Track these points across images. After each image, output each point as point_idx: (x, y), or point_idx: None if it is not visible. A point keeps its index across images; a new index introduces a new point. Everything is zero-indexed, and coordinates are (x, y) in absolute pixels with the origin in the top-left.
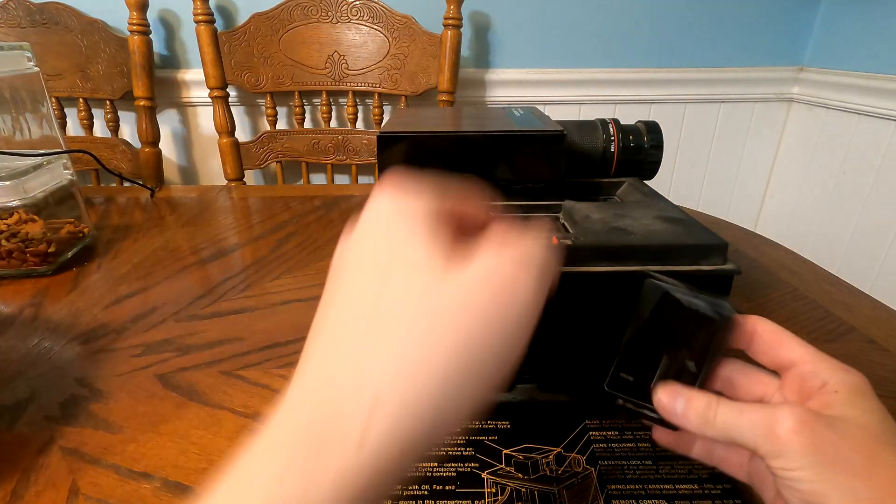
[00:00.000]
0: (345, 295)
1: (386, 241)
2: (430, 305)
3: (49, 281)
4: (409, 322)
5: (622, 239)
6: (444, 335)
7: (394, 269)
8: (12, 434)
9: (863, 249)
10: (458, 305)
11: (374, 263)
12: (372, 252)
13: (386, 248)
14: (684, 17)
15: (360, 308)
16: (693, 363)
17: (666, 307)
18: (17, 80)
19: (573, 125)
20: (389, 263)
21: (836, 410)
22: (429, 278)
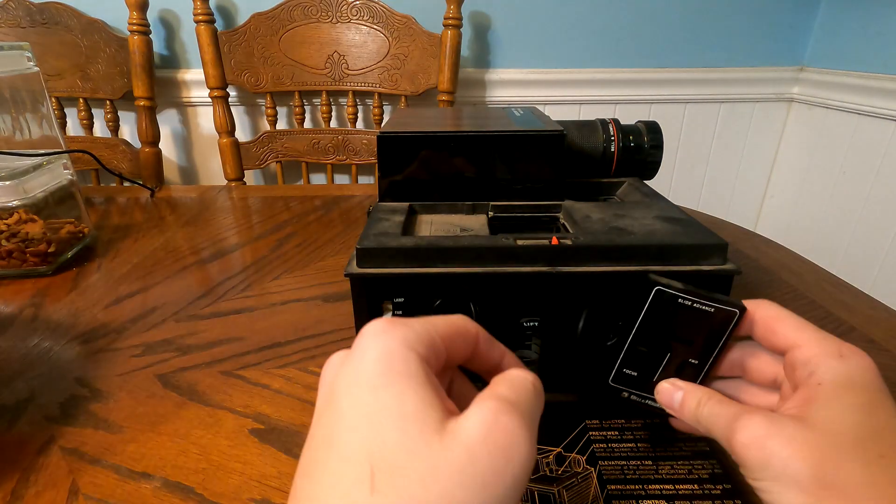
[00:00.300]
0: (341, 448)
1: (381, 392)
2: (431, 469)
3: (49, 281)
4: (410, 488)
5: (622, 239)
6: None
7: (390, 421)
8: (12, 434)
9: (863, 249)
10: (456, 469)
11: (368, 414)
12: (366, 399)
13: (381, 398)
14: (685, 17)
15: (358, 466)
16: (696, 358)
17: (664, 307)
18: (17, 80)
19: (573, 125)
20: (384, 415)
21: (813, 409)
22: (428, 437)
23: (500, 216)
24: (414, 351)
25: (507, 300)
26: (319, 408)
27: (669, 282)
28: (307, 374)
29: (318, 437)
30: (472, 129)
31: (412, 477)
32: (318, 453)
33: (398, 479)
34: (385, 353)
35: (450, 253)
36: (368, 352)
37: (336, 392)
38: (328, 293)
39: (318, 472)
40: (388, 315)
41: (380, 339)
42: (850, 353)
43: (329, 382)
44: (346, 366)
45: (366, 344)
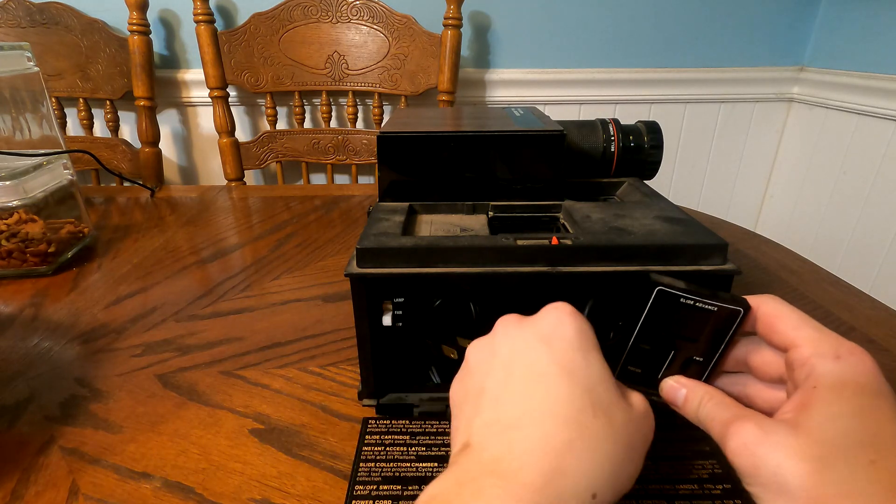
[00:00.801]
0: (561, 381)
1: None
2: (625, 419)
3: (49, 281)
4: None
5: (622, 239)
6: (629, 457)
7: (598, 376)
8: (12, 434)
9: (863, 249)
10: (636, 425)
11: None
12: (575, 356)
13: (589, 359)
14: (684, 17)
15: (584, 398)
16: (700, 355)
17: (667, 307)
18: (17, 80)
19: (573, 125)
20: (594, 371)
21: (807, 414)
22: (619, 397)
23: (500, 216)
24: (594, 332)
25: (507, 300)
26: (516, 350)
27: (672, 281)
28: (307, 374)
29: (529, 372)
30: (472, 129)
31: (617, 416)
32: (534, 382)
33: (608, 415)
34: (581, 326)
35: (450, 253)
36: (567, 322)
37: (537, 344)
38: (328, 293)
39: (540, 396)
40: (389, 316)
41: (576, 318)
42: (847, 353)
43: (519, 330)
44: (543, 328)
45: (562, 316)
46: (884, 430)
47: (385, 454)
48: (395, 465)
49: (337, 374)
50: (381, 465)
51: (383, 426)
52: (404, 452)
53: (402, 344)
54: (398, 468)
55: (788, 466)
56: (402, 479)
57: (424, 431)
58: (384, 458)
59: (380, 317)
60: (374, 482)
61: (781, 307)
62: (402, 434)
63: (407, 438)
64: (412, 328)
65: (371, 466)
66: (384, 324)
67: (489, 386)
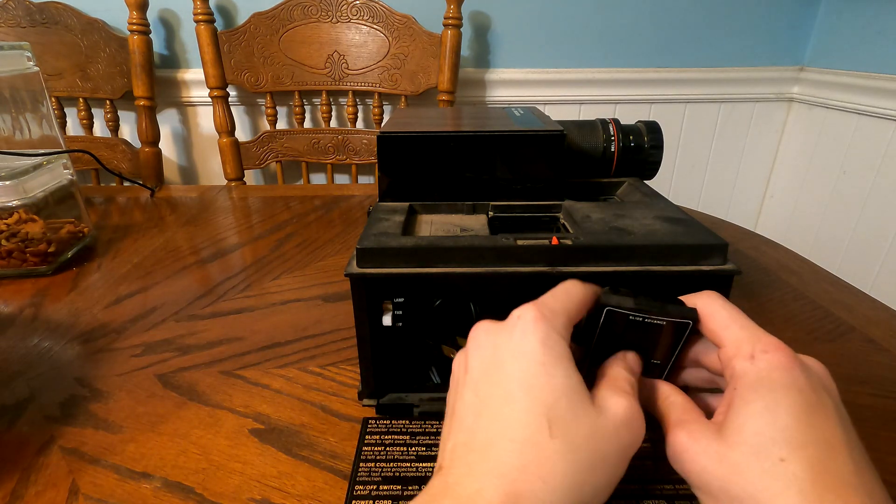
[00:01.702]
0: (520, 403)
1: (549, 368)
2: (591, 431)
3: (49, 281)
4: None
5: (622, 239)
6: (597, 470)
7: (560, 390)
8: (12, 434)
9: (863, 249)
10: (608, 436)
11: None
12: (536, 370)
13: (550, 372)
14: (684, 17)
15: (538, 417)
16: (658, 358)
17: (617, 326)
18: (17, 80)
19: (573, 125)
20: (555, 384)
21: (729, 417)
22: (587, 407)
23: (500, 216)
24: (563, 338)
25: (507, 300)
26: (481, 368)
27: (620, 300)
28: (307, 374)
29: (490, 392)
30: (472, 129)
31: (579, 433)
32: (496, 403)
33: (569, 432)
34: (545, 337)
35: (450, 253)
36: (530, 334)
37: (502, 359)
38: (328, 293)
39: (500, 418)
40: (389, 316)
41: (539, 326)
42: (760, 352)
43: (490, 348)
44: (509, 341)
45: (527, 327)
46: (794, 425)
47: (385, 454)
48: (395, 465)
49: (337, 374)
50: (381, 465)
51: (383, 426)
52: (404, 452)
53: (402, 344)
54: (398, 468)
55: (708, 472)
56: (402, 479)
57: (424, 431)
58: (384, 458)
59: (380, 317)
60: (374, 482)
61: (712, 305)
62: (402, 434)
63: (407, 438)
64: (412, 328)
65: (371, 466)
66: (384, 324)
67: (459, 408)
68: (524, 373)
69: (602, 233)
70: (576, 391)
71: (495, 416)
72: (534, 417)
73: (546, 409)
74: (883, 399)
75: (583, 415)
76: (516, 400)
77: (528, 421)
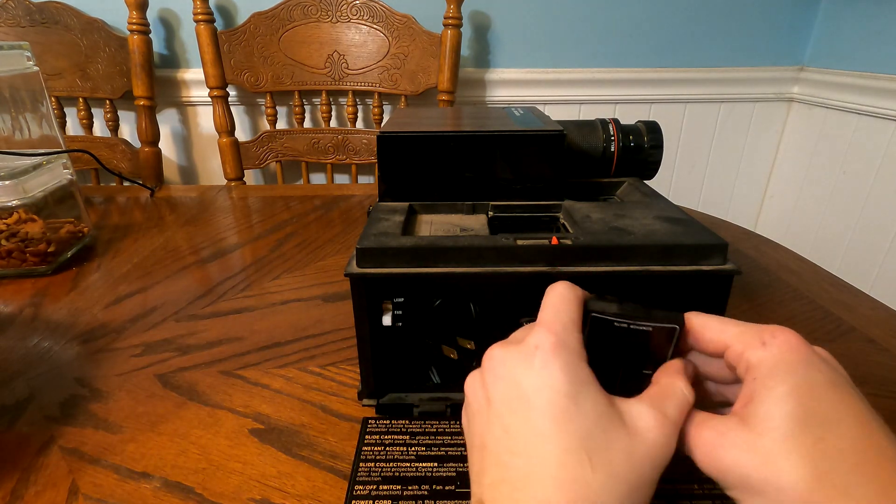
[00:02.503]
0: (558, 440)
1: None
2: (628, 454)
3: (49, 281)
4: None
5: (622, 239)
6: (637, 492)
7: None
8: (12, 434)
9: (863, 249)
10: (643, 456)
11: (573, 416)
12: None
13: (579, 403)
14: (684, 17)
15: (578, 453)
16: (649, 369)
17: (602, 333)
18: (16, 80)
19: (573, 125)
20: (585, 415)
21: (752, 407)
22: (618, 430)
23: (500, 216)
24: (584, 360)
25: (507, 300)
26: (505, 400)
27: (605, 306)
28: (307, 373)
29: (521, 429)
30: (472, 128)
31: (618, 460)
32: (529, 439)
33: (609, 461)
34: (567, 365)
35: (450, 253)
36: (552, 365)
37: (527, 393)
38: (328, 293)
39: (536, 455)
40: (389, 316)
41: (560, 354)
42: (770, 337)
43: (510, 380)
44: (530, 373)
45: (547, 358)
46: (822, 404)
47: (385, 454)
48: (394, 465)
49: (337, 374)
50: (381, 465)
51: (383, 426)
52: (404, 452)
53: (402, 344)
54: (398, 468)
55: (744, 463)
56: (402, 479)
57: (424, 431)
58: (384, 458)
59: (380, 317)
60: (374, 482)
61: (703, 318)
62: (401, 434)
63: (407, 438)
64: (412, 328)
65: (371, 466)
66: (384, 324)
67: (489, 443)
68: (553, 407)
69: (602, 233)
70: (606, 416)
71: (532, 454)
72: (573, 454)
73: (581, 441)
74: (883, 399)
75: (617, 439)
76: (550, 437)
77: (566, 459)
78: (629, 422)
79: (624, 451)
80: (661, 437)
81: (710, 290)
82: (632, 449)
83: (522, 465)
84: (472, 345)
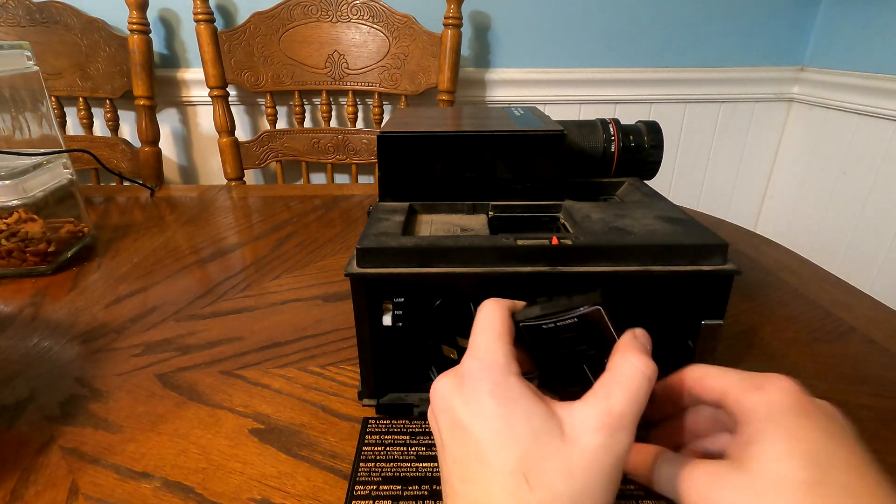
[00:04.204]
0: (496, 464)
1: (510, 419)
2: (567, 469)
3: (49, 280)
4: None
5: (622, 239)
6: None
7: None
8: (12, 434)
9: (863, 249)
10: (585, 467)
11: (507, 437)
12: (498, 425)
13: (511, 423)
14: (685, 17)
15: (515, 476)
16: (599, 355)
17: (537, 338)
18: (16, 80)
19: (573, 125)
20: (519, 435)
21: (749, 450)
22: (557, 444)
23: (500, 216)
24: (514, 375)
25: None
26: (448, 431)
27: (527, 312)
28: (307, 373)
29: (464, 457)
30: (472, 128)
31: (556, 476)
32: (472, 466)
33: (546, 479)
34: (495, 388)
35: (450, 253)
36: (480, 391)
37: (463, 422)
38: (328, 293)
39: (480, 481)
40: (389, 316)
41: (485, 378)
42: (765, 381)
43: (449, 412)
44: (464, 400)
45: (475, 385)
46: (819, 448)
47: (385, 454)
48: (394, 465)
49: (337, 374)
50: (381, 465)
51: (383, 426)
52: (404, 452)
53: (402, 344)
54: (398, 468)
55: (740, 503)
56: (402, 479)
57: (424, 431)
58: (384, 458)
59: (380, 317)
60: (374, 482)
61: (703, 369)
62: (402, 434)
63: (407, 438)
64: (412, 328)
65: (371, 466)
66: (384, 324)
67: (444, 472)
68: (487, 432)
69: (602, 233)
70: (542, 431)
71: (477, 481)
72: (512, 476)
73: (518, 462)
74: (883, 399)
75: (554, 455)
76: (489, 462)
77: (506, 482)
78: (568, 430)
79: (562, 464)
80: (605, 438)
81: (710, 290)
82: (572, 461)
83: (471, 492)
84: None
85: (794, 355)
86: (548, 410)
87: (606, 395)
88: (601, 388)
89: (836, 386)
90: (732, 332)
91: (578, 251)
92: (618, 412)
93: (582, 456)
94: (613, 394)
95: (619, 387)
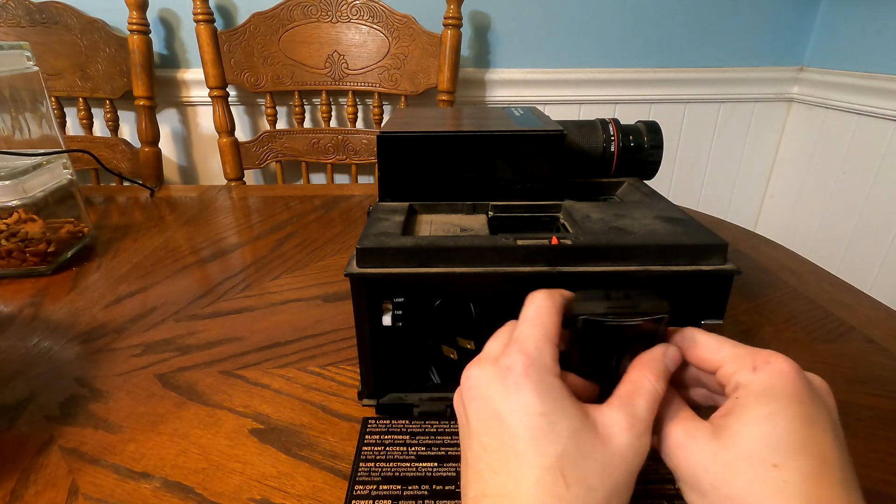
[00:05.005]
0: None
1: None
2: (602, 467)
3: (49, 281)
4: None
5: (622, 239)
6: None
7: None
8: (12, 434)
9: (863, 249)
10: (616, 466)
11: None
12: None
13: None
14: (684, 17)
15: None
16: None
17: (594, 333)
18: (16, 80)
19: (573, 125)
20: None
21: (728, 420)
22: (592, 443)
23: (500, 216)
24: (556, 377)
25: (507, 300)
26: (480, 419)
27: (592, 307)
28: (307, 373)
29: (498, 448)
30: (472, 128)
31: (592, 473)
32: (505, 457)
33: (583, 476)
34: (540, 385)
35: (450, 253)
36: (524, 386)
37: (501, 414)
38: (328, 293)
39: (513, 473)
40: (389, 316)
41: (531, 374)
42: (763, 363)
43: (484, 400)
44: (505, 393)
45: (519, 380)
46: (791, 435)
47: (385, 454)
48: (394, 465)
49: (337, 374)
50: (381, 465)
51: (383, 426)
52: (404, 452)
53: (402, 344)
54: (398, 468)
55: (701, 468)
56: (402, 479)
57: (424, 431)
58: (384, 458)
59: (380, 317)
60: (374, 482)
61: (699, 336)
62: (401, 434)
63: (407, 438)
64: (412, 328)
65: (371, 466)
66: (384, 324)
67: (470, 459)
68: (527, 428)
69: (602, 233)
70: (580, 431)
71: (510, 473)
72: (548, 472)
73: (556, 459)
74: (883, 399)
75: (591, 452)
76: (526, 456)
77: (542, 476)
78: (602, 430)
79: (598, 462)
80: (633, 439)
81: (710, 290)
82: (606, 459)
83: (501, 483)
84: (472, 345)
85: (793, 355)
86: (584, 411)
87: (630, 402)
88: (625, 395)
89: (835, 386)
90: (732, 332)
91: (578, 251)
92: (641, 418)
93: (617, 453)
94: (637, 402)
95: (641, 398)
